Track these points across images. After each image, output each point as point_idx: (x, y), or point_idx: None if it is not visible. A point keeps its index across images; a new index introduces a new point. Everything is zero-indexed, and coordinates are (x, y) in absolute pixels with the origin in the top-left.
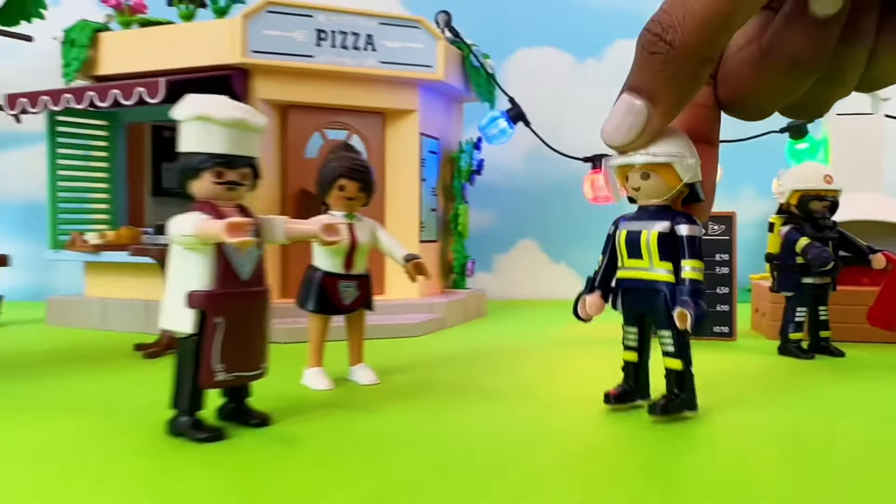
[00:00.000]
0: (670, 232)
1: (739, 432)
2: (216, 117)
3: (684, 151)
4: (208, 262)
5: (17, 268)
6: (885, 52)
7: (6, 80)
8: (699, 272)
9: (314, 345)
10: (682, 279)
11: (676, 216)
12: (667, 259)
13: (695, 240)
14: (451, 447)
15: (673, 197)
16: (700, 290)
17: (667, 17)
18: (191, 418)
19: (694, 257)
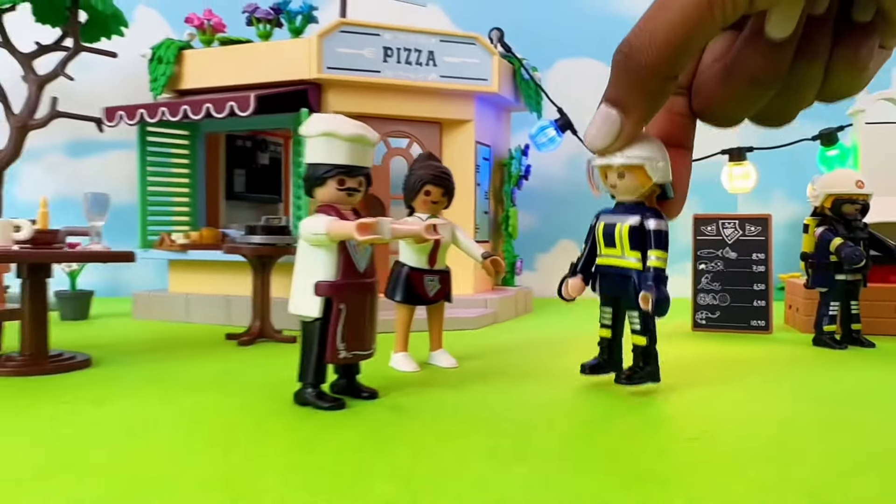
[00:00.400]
0: (640, 225)
1: (780, 405)
2: (340, 133)
3: (655, 155)
4: (332, 257)
5: (93, 266)
6: (840, 68)
7: (82, 94)
8: (663, 261)
9: (401, 332)
10: (647, 267)
11: (647, 212)
12: (636, 249)
13: (661, 233)
14: (527, 416)
15: (645, 194)
16: (662, 277)
17: (635, 39)
18: (315, 390)
19: (659, 248)
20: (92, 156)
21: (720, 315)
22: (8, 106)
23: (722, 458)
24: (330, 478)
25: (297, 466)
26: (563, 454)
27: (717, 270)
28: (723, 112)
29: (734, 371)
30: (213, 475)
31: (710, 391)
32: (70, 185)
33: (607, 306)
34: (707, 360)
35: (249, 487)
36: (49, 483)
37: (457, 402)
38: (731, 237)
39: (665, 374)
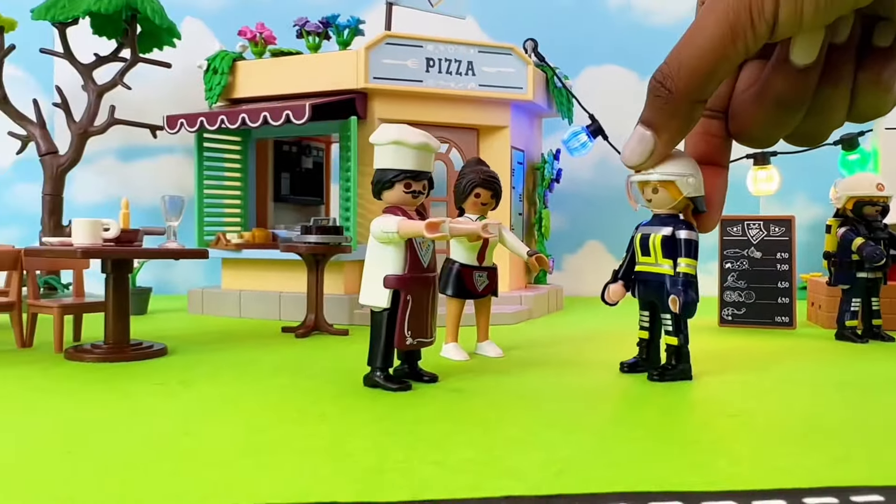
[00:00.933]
0: (672, 235)
1: (807, 390)
2: (408, 141)
3: (687, 171)
4: (400, 253)
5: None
6: (865, 90)
7: (134, 102)
8: (691, 268)
9: (451, 324)
10: (676, 273)
11: (679, 223)
12: (668, 257)
13: (690, 242)
14: (575, 396)
15: (679, 207)
16: (690, 282)
17: (667, 68)
18: (384, 373)
19: (688, 256)
20: (141, 160)
21: (745, 311)
22: (70, 114)
23: (759, 431)
24: (418, 442)
25: (385, 433)
26: (614, 426)
27: (742, 269)
28: (757, 134)
29: (761, 361)
30: (315, 441)
31: (739, 378)
32: (120, 188)
33: (645, 310)
34: (735, 352)
35: (350, 449)
36: (176, 447)
37: (510, 384)
38: (756, 237)
39: (696, 363)
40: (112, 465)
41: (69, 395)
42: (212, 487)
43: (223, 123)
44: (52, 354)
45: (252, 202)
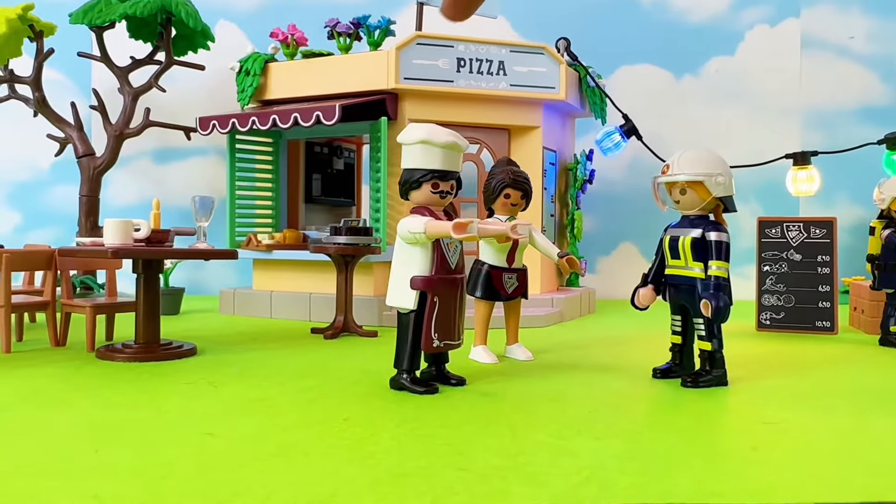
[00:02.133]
0: (702, 237)
1: (848, 398)
2: (436, 141)
3: (714, 171)
4: (427, 254)
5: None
6: None
7: (168, 104)
8: (723, 270)
9: (480, 326)
10: (708, 276)
11: (709, 225)
12: (699, 259)
13: (721, 244)
14: (606, 401)
15: (708, 208)
16: (722, 285)
17: None
18: (410, 375)
19: (719, 258)
20: (175, 162)
21: (784, 316)
22: (106, 116)
23: (796, 440)
24: (442, 446)
25: (410, 436)
26: (646, 432)
27: (781, 272)
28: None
29: (800, 367)
30: (338, 442)
31: (777, 384)
32: (155, 189)
33: (676, 314)
34: (773, 357)
35: (373, 450)
36: (200, 447)
37: (539, 388)
38: (796, 240)
39: (732, 369)
40: (138, 464)
41: (98, 394)
42: (232, 488)
43: (254, 125)
44: (84, 353)
45: (283, 203)
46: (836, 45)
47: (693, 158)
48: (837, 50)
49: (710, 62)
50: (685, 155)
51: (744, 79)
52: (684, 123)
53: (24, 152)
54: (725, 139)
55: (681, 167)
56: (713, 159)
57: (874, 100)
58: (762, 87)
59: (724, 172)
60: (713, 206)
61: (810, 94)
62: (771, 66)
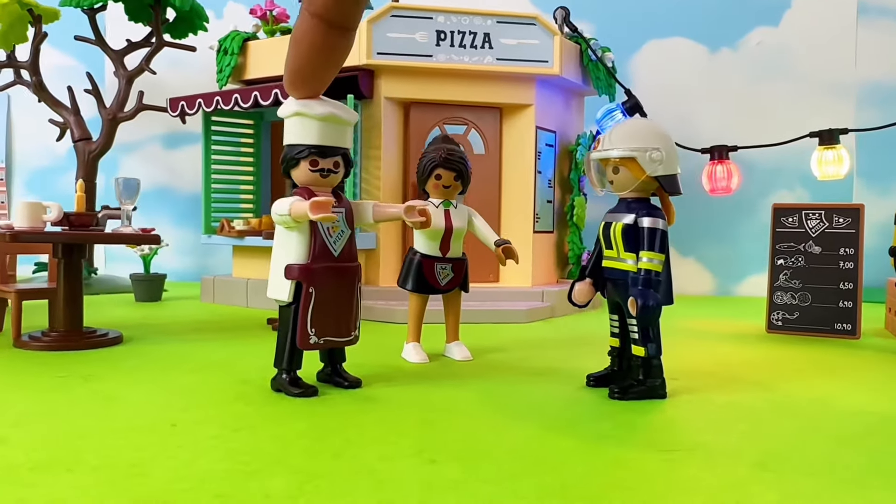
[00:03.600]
0: (634, 224)
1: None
2: (310, 113)
3: (649, 145)
4: (305, 240)
5: (184, 251)
6: None
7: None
8: (656, 263)
9: (412, 322)
10: (638, 269)
11: (643, 209)
12: (631, 250)
13: (655, 232)
14: (500, 413)
15: (648, 190)
16: (652, 281)
17: None
18: (289, 376)
19: (651, 248)
20: (185, 147)
21: (799, 316)
22: (101, 100)
23: (688, 474)
24: (241, 464)
25: (219, 448)
26: (506, 458)
27: (797, 266)
28: None
29: (787, 379)
30: (128, 453)
31: (732, 400)
32: (165, 174)
33: (614, 313)
34: (767, 364)
35: (157, 465)
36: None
37: (439, 396)
38: (816, 230)
39: (712, 374)
40: None
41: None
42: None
43: (219, 105)
44: (9, 340)
45: (266, 188)
46: None
47: (627, 131)
48: None
49: (750, 34)
50: (619, 127)
51: (790, 52)
52: (719, 104)
53: (40, 138)
54: (768, 121)
55: (612, 141)
56: (651, 132)
57: None
58: (811, 62)
59: (663, 147)
60: (653, 186)
61: (868, 67)
62: (821, 37)
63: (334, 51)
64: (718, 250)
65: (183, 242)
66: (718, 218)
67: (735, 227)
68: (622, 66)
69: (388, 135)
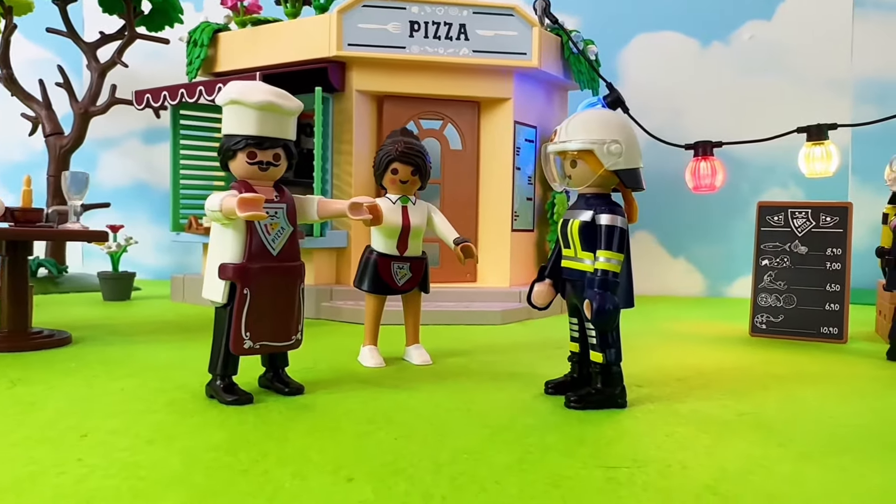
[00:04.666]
0: (592, 221)
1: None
2: (248, 101)
3: (607, 137)
4: (241, 238)
5: (162, 248)
6: None
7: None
8: (614, 263)
9: (369, 324)
10: (595, 269)
11: (602, 205)
12: (588, 249)
13: (612, 230)
14: (439, 423)
15: (607, 185)
16: (609, 282)
17: None
18: (223, 382)
19: (609, 248)
20: (163, 143)
21: (784, 319)
22: (73, 94)
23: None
24: (132, 482)
25: (113, 465)
26: (429, 477)
27: (783, 267)
28: None
29: (763, 386)
30: (16, 467)
31: (703, 407)
32: (145, 170)
33: (573, 316)
34: (746, 370)
35: (48, 484)
36: None
37: (379, 404)
38: (803, 229)
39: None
40: None
41: None
42: None
43: (184, 97)
44: None
45: None
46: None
47: (584, 121)
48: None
49: (742, 27)
50: (576, 117)
51: (783, 47)
52: (711, 99)
53: (15, 132)
54: (760, 118)
55: (569, 132)
56: (610, 123)
57: None
58: (806, 57)
59: (623, 139)
60: (612, 181)
61: (864, 62)
62: (816, 31)
63: None
64: (709, 250)
65: (161, 240)
66: (710, 217)
67: (727, 226)
68: (610, 61)
69: (361, 129)
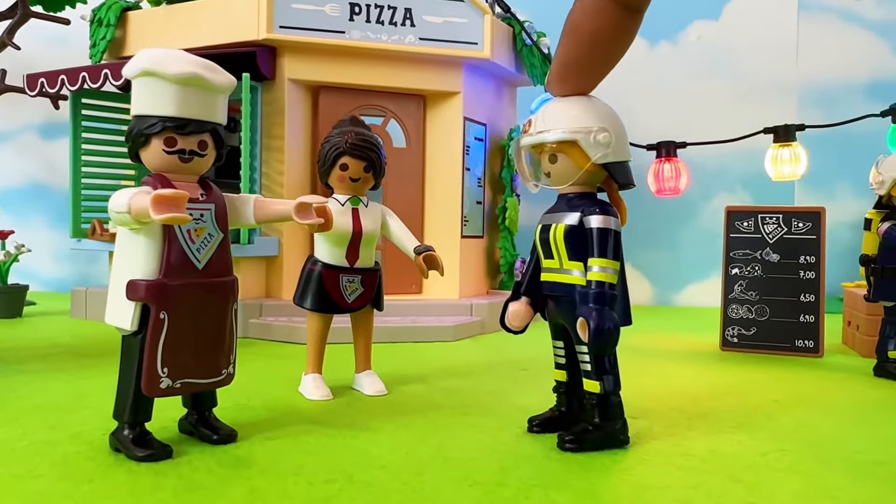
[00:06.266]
0: (580, 224)
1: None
2: (164, 73)
3: (593, 125)
4: (156, 247)
5: (62, 257)
6: None
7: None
8: (610, 273)
9: (312, 348)
10: (587, 281)
11: (590, 205)
12: (577, 258)
13: (607, 233)
14: (413, 484)
15: (594, 182)
16: (606, 296)
17: None
18: (133, 431)
19: (603, 255)
20: (64, 138)
21: (756, 332)
22: None
23: None
24: None
25: None
26: None
27: (754, 276)
28: None
29: (763, 409)
30: None
31: (713, 443)
32: (43, 169)
33: (558, 339)
34: (730, 391)
35: None
36: None
37: (335, 453)
38: (774, 235)
39: (673, 407)
40: None
41: None
42: None
43: (86, 83)
44: None
45: None
46: (840, 8)
47: (565, 109)
48: (841, 14)
49: (690, 27)
50: (554, 104)
51: (730, 48)
52: (659, 100)
53: None
54: (708, 118)
55: (547, 122)
56: (595, 109)
57: (884, 74)
58: (752, 58)
59: (610, 127)
60: (599, 178)
61: (809, 66)
62: (762, 33)
63: (622, 36)
64: (656, 257)
65: (60, 247)
66: (657, 223)
67: (674, 231)
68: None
69: (294, 123)
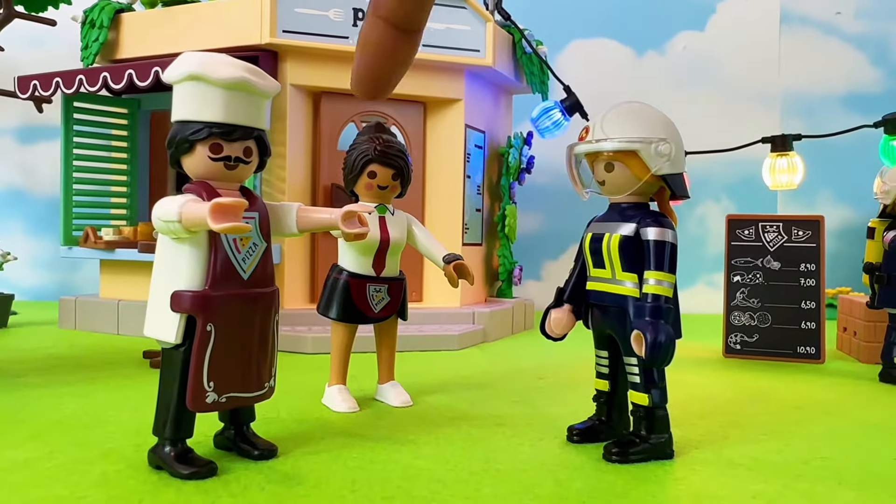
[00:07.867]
0: (635, 235)
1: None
2: (212, 77)
3: (654, 135)
4: (201, 257)
5: (43, 265)
6: None
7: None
8: (666, 286)
9: (337, 359)
10: (643, 294)
11: (647, 217)
12: (631, 269)
13: (663, 246)
14: (482, 496)
15: (649, 192)
16: (663, 309)
17: None
18: (175, 448)
19: (660, 268)
20: (43, 142)
21: (758, 339)
22: None
23: None
24: None
25: None
26: None
27: (755, 284)
28: None
29: (781, 417)
30: None
31: (748, 452)
32: (17, 174)
33: (602, 349)
34: (743, 399)
35: None
36: None
37: (390, 463)
38: (774, 243)
39: (686, 422)
40: None
41: None
42: None
43: (83, 86)
44: None
45: (143, 190)
46: (821, 21)
47: (625, 117)
48: (822, 27)
49: (676, 38)
50: (613, 112)
51: (715, 58)
52: None
53: None
54: (693, 127)
55: (606, 130)
56: (655, 118)
57: (863, 85)
58: (736, 69)
59: (671, 138)
60: (654, 188)
61: (790, 77)
62: (746, 44)
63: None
64: None
65: (41, 255)
66: None
67: None
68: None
69: (295, 129)
